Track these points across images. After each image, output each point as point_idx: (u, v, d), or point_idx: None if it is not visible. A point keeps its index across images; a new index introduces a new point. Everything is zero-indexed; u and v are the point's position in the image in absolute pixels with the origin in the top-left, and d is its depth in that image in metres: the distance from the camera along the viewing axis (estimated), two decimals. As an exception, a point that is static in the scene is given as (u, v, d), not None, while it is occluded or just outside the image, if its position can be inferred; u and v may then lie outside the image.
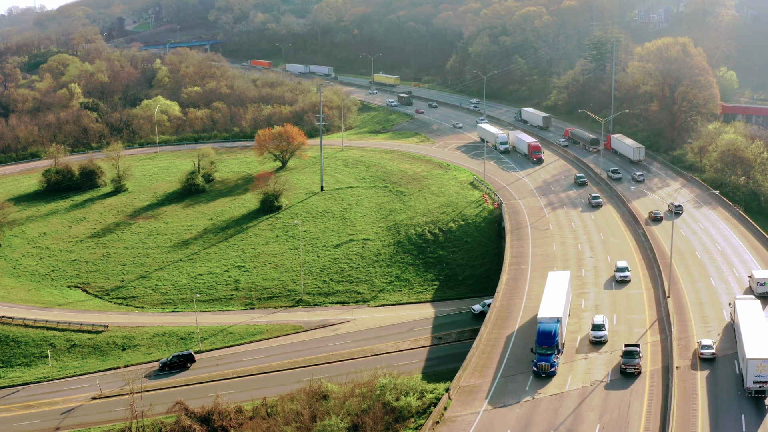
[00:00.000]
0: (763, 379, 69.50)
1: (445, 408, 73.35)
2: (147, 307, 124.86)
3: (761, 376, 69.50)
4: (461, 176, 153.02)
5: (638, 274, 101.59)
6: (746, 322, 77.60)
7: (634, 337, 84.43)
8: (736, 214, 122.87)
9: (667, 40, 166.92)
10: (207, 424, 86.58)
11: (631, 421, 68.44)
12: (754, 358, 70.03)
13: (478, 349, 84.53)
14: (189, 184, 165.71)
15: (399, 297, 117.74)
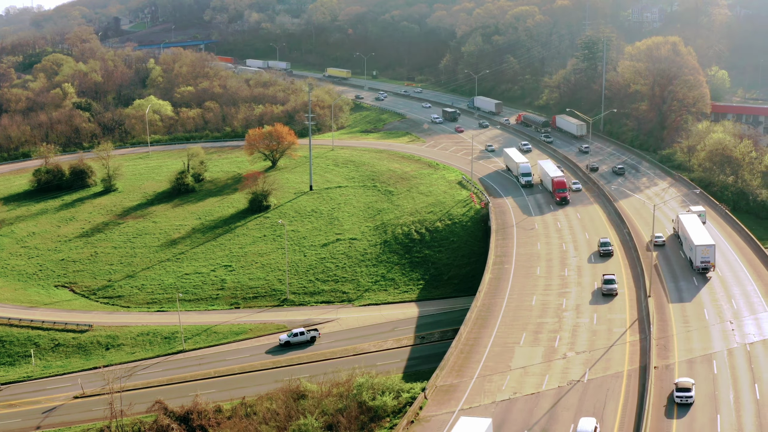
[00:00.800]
0: (706, 260, 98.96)
1: (420, 407, 73.12)
2: (132, 307, 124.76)
3: (705, 258, 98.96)
4: (450, 176, 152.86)
5: (621, 273, 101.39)
6: (689, 225, 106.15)
7: (613, 337, 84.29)
8: (723, 213, 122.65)
9: (657, 39, 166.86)
10: (186, 424, 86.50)
11: (605, 420, 68.15)
12: (699, 244, 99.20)
13: (457, 348, 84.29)
14: (178, 183, 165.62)
15: (384, 296, 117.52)
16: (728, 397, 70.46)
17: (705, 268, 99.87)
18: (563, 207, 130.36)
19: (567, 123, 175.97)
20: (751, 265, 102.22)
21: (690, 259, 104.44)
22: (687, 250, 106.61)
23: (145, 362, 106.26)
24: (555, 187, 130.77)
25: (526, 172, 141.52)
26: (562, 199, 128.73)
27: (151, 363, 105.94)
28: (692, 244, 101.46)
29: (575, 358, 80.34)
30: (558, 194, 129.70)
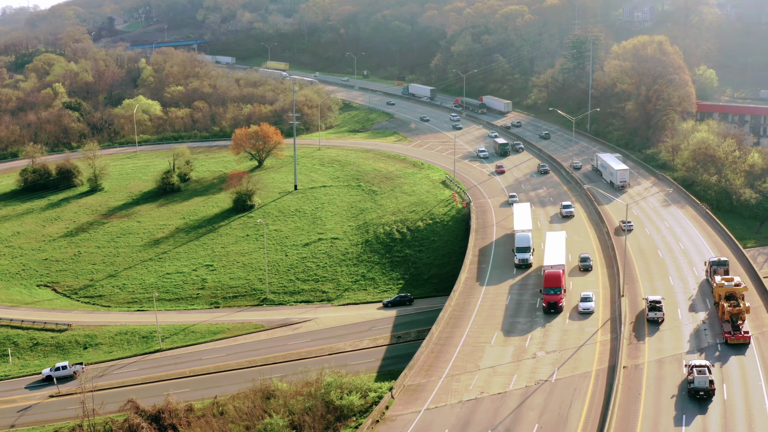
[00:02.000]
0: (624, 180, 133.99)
1: (386, 407, 73.00)
2: (113, 306, 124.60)
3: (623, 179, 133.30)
4: (434, 175, 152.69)
5: (597, 273, 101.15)
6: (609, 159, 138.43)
7: (585, 337, 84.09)
8: (703, 213, 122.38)
9: (643, 39, 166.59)
10: (157, 423, 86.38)
11: (570, 420, 67.98)
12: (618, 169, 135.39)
13: (428, 348, 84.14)
14: (164, 183, 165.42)
15: (363, 296, 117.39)
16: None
17: (623, 186, 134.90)
18: (544, 205, 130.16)
19: (494, 102, 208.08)
20: (730, 266, 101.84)
21: (611, 181, 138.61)
22: (608, 176, 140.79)
23: (121, 361, 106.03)
24: (546, 283, 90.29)
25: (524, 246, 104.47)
26: (550, 305, 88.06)
27: (128, 362, 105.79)
28: (612, 170, 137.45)
29: (545, 357, 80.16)
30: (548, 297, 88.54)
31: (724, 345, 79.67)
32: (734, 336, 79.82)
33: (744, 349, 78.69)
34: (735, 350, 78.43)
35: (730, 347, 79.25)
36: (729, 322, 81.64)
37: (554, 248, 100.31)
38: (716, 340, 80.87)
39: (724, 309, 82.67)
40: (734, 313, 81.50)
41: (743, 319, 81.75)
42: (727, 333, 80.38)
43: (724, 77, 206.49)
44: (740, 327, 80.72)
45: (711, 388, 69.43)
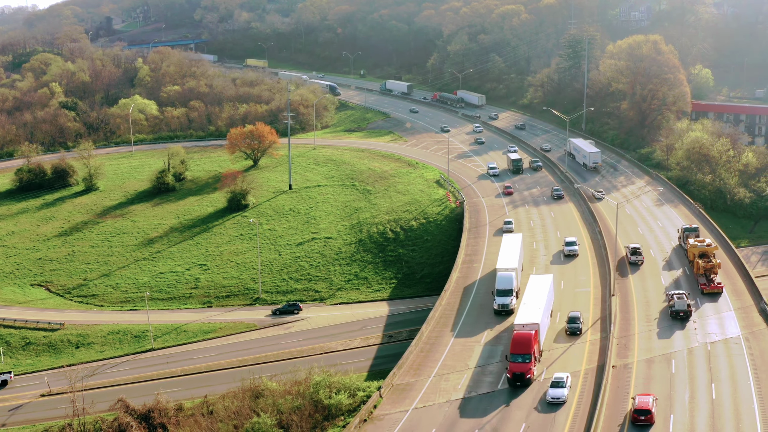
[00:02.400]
0: (596, 162, 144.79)
1: (374, 406, 72.90)
2: (106, 306, 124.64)
3: (595, 160, 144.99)
4: (428, 174, 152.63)
5: (588, 272, 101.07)
6: (581, 143, 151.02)
7: (574, 336, 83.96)
8: (697, 213, 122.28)
9: (638, 38, 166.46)
10: (147, 422, 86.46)
11: (557, 419, 67.82)
12: (591, 152, 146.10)
13: (417, 347, 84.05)
14: (159, 183, 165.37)
15: (356, 295, 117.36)
16: (684, 397, 70.08)
17: (595, 167, 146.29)
18: (538, 206, 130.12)
19: (469, 96, 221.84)
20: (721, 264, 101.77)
21: (584, 163, 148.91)
22: (581, 158, 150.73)
23: (113, 360, 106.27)
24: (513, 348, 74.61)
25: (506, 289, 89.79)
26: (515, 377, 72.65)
27: (120, 361, 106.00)
28: (585, 153, 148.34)
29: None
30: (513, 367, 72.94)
31: (700, 294, 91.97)
32: (709, 286, 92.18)
33: (717, 297, 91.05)
34: (709, 298, 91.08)
35: (705, 295, 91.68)
36: (703, 275, 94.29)
37: (533, 300, 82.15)
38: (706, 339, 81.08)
39: (698, 265, 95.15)
40: (708, 268, 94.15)
41: (716, 272, 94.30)
42: (702, 284, 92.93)
43: (720, 77, 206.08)
44: (713, 279, 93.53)
45: (689, 310, 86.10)
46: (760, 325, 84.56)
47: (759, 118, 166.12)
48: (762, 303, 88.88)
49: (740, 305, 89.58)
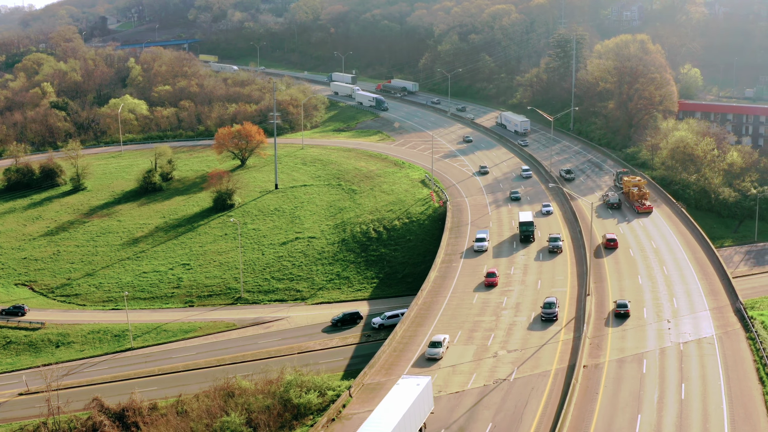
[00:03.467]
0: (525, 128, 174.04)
1: (343, 405, 72.90)
2: (88, 305, 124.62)
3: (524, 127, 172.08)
4: (414, 174, 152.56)
5: (566, 272, 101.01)
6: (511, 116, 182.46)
7: (548, 336, 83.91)
8: (678, 212, 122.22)
9: (626, 37, 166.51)
10: (121, 421, 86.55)
11: (524, 419, 67.75)
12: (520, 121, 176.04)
13: (390, 346, 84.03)
14: (146, 182, 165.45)
15: (337, 295, 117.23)
16: (653, 396, 69.99)
17: (525, 132, 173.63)
18: (521, 205, 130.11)
19: (403, 83, 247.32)
20: (698, 264, 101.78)
21: (516, 130, 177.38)
22: (512, 127, 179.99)
23: (92, 360, 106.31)
24: None
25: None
26: None
27: (99, 360, 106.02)
28: (516, 122, 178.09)
29: (506, 356, 79.96)
30: None
31: (636, 214, 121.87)
32: (642, 207, 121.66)
33: (647, 215, 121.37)
34: (642, 216, 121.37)
35: (639, 214, 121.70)
36: (637, 200, 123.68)
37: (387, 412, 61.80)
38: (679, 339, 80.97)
39: (633, 193, 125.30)
40: (640, 195, 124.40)
41: (646, 198, 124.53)
42: (637, 206, 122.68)
43: (711, 76, 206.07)
44: (644, 203, 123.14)
45: (619, 202, 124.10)
46: (735, 325, 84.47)
47: (746, 117, 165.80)
48: (737, 303, 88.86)
49: (716, 305, 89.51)
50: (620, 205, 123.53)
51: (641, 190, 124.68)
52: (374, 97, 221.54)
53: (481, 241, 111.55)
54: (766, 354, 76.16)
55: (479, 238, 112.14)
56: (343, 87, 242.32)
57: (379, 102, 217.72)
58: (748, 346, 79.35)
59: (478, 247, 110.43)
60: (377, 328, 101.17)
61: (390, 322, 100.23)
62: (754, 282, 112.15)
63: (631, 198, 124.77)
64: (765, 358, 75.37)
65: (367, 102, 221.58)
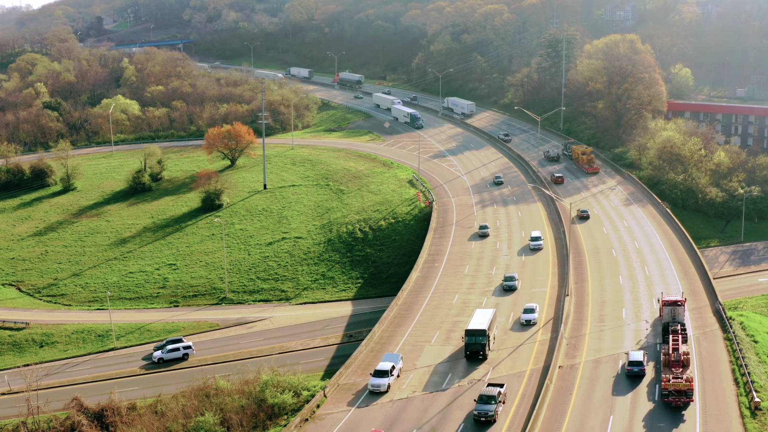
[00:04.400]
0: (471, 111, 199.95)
1: (317, 405, 72.98)
2: (74, 305, 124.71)
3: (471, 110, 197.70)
4: (402, 174, 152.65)
5: (548, 272, 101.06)
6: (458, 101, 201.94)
7: (525, 336, 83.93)
8: (663, 212, 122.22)
9: (615, 37, 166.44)
10: (100, 421, 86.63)
11: (497, 420, 67.83)
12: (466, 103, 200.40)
13: (368, 347, 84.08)
14: (135, 183, 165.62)
15: (322, 295, 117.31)
16: (626, 397, 70.03)
17: (470, 114, 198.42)
18: (506, 206, 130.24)
19: (350, 75, 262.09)
20: (680, 264, 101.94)
21: (462, 112, 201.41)
22: (459, 110, 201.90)
23: (75, 360, 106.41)
24: None
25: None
26: None
27: (82, 360, 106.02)
28: (463, 105, 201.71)
29: (482, 357, 79.98)
30: None
31: (585, 174, 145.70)
32: (591, 168, 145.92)
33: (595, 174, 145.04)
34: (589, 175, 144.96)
35: (587, 174, 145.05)
36: (586, 163, 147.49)
37: None
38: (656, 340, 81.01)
39: (582, 159, 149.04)
40: (587, 159, 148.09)
41: (593, 161, 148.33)
42: (586, 168, 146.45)
43: (703, 76, 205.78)
44: (592, 165, 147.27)
45: (558, 156, 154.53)
46: (713, 325, 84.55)
47: (735, 117, 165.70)
48: (717, 303, 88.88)
49: (695, 306, 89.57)
50: (559, 158, 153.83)
51: (588, 155, 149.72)
52: (409, 113, 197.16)
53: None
54: (742, 355, 76.26)
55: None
56: (383, 99, 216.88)
57: (414, 118, 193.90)
58: (725, 346, 79.46)
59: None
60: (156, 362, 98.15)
61: (170, 356, 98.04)
62: (739, 282, 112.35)
63: (581, 162, 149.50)
64: (741, 359, 75.43)
65: (402, 118, 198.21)
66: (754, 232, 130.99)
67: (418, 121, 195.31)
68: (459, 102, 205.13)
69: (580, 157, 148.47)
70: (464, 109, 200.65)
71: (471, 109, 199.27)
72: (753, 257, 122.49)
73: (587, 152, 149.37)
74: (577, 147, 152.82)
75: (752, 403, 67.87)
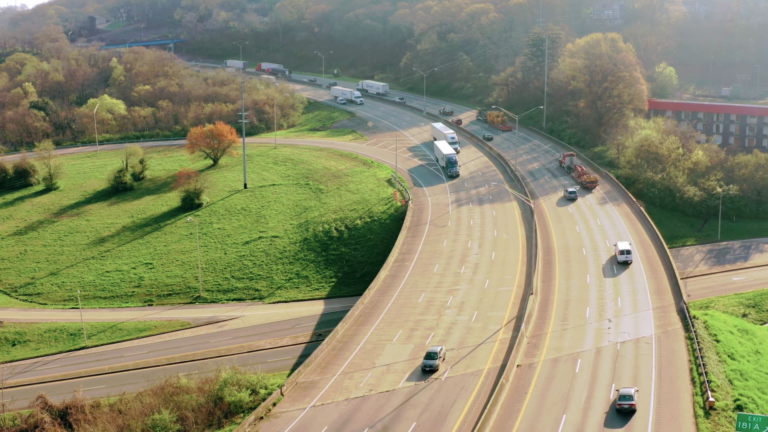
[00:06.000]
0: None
1: (274, 404, 73.10)
2: (49, 304, 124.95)
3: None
4: (381, 173, 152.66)
5: (516, 270, 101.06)
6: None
7: (487, 335, 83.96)
8: (637, 211, 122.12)
9: (596, 36, 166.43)
10: (63, 419, 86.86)
11: (448, 419, 67.73)
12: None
13: (329, 345, 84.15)
14: (117, 182, 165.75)
15: (295, 294, 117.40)
16: (581, 397, 69.94)
17: (385, 94, 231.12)
18: (482, 204, 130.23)
19: (272, 65, 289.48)
20: (649, 263, 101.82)
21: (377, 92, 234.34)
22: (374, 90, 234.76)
23: (46, 358, 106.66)
24: None
25: None
26: None
27: (53, 359, 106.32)
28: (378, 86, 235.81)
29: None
30: None
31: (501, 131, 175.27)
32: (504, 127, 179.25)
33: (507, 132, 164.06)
34: None
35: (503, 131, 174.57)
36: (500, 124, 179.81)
37: None
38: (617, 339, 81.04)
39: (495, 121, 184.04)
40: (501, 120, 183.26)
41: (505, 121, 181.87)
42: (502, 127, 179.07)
43: (689, 75, 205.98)
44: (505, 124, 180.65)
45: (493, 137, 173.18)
46: (676, 324, 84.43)
47: (716, 116, 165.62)
48: (681, 302, 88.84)
49: (660, 305, 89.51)
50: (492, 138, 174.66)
51: (501, 118, 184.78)
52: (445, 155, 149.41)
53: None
54: (702, 354, 76.20)
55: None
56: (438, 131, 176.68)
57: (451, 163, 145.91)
58: (686, 346, 79.35)
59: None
60: None
61: None
62: (712, 281, 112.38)
63: (496, 124, 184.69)
64: (700, 358, 75.39)
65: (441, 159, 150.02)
66: (731, 231, 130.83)
67: (452, 161, 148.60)
68: (373, 84, 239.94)
69: (495, 120, 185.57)
70: (379, 89, 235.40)
71: (385, 89, 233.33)
72: (728, 256, 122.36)
73: (500, 115, 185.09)
74: (491, 112, 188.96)
75: (707, 402, 67.85)
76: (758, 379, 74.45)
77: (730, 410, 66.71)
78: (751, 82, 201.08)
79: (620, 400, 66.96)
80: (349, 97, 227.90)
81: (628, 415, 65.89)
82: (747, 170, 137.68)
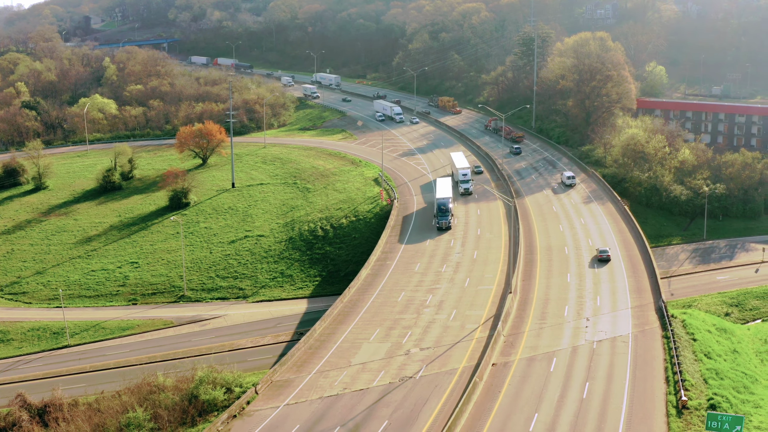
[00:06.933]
0: None
1: (248, 402, 73.11)
2: (34, 303, 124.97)
3: None
4: (368, 172, 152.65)
5: (497, 269, 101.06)
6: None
7: (464, 334, 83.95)
8: (621, 210, 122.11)
9: (585, 35, 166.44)
10: (41, 417, 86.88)
11: (420, 417, 67.75)
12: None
13: (306, 344, 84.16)
14: (105, 181, 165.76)
15: (279, 293, 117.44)
16: (554, 395, 69.90)
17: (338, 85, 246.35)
18: (467, 203, 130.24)
19: (226, 60, 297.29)
20: (630, 262, 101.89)
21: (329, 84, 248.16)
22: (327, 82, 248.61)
23: (29, 357, 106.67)
24: None
25: None
26: None
27: (35, 357, 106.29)
28: (330, 78, 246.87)
29: (418, 354, 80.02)
30: None
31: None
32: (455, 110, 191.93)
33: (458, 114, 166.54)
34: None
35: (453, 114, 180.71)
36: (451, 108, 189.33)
37: None
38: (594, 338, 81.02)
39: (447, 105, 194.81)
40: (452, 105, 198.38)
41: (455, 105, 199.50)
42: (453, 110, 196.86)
43: (678, 73, 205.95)
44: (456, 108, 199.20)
45: None
46: (653, 323, 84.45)
47: (705, 115, 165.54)
48: (660, 301, 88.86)
49: (639, 303, 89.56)
50: None
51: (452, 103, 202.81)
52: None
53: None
54: (677, 353, 76.17)
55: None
56: None
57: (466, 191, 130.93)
58: (662, 345, 79.36)
59: None
60: None
61: None
62: (696, 280, 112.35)
63: (447, 108, 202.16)
64: (675, 357, 75.38)
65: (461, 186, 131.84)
66: (717, 230, 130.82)
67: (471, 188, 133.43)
68: (326, 76, 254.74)
69: (446, 104, 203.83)
70: (331, 81, 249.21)
71: (338, 81, 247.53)
72: (714, 255, 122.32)
73: (450, 100, 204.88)
74: (442, 98, 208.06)
75: (680, 402, 67.86)
76: (734, 378, 74.49)
77: (703, 409, 66.73)
78: (742, 81, 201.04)
79: None
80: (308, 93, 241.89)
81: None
82: (734, 169, 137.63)
